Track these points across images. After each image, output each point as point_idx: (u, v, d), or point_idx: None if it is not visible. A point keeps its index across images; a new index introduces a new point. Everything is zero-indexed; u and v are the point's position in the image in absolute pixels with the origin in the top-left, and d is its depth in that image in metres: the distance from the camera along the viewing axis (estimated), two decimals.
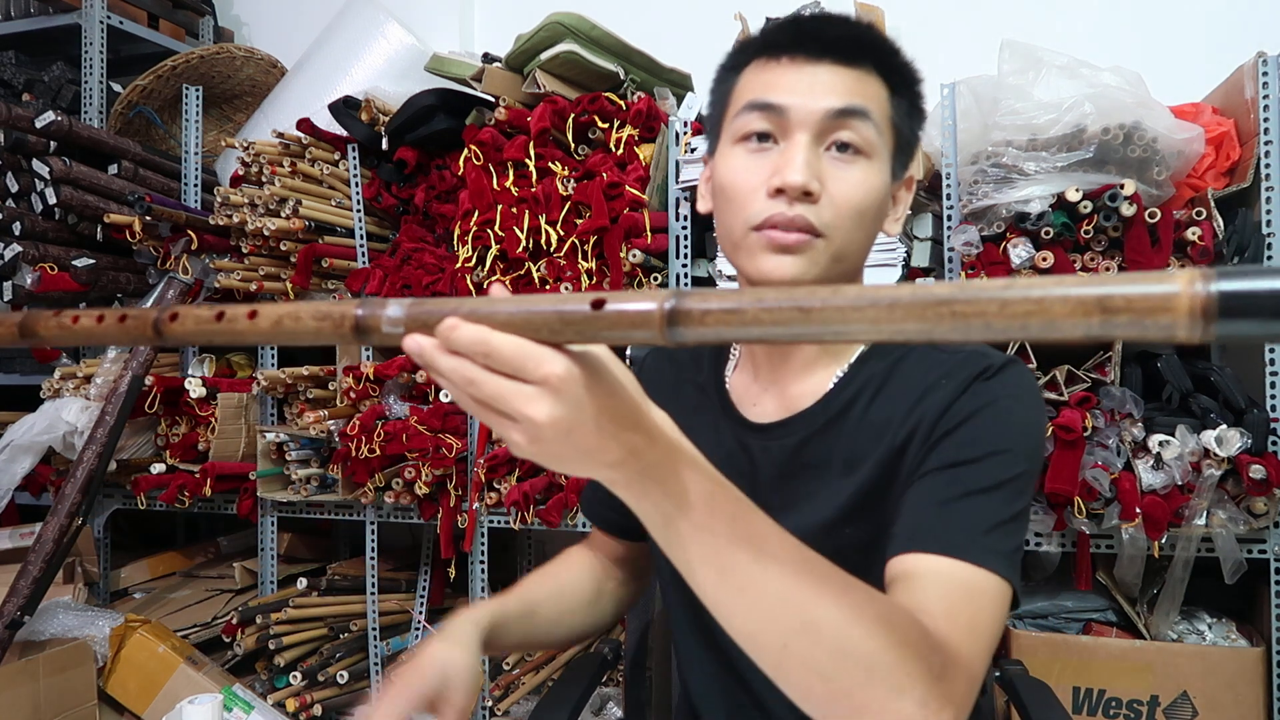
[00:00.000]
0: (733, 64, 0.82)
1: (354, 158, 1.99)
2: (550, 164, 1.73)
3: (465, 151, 1.80)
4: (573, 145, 1.74)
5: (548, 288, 1.74)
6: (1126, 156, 1.47)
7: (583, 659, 1.11)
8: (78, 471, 1.84)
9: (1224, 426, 1.43)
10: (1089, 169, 1.48)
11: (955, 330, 0.37)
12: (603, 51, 1.76)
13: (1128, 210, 1.45)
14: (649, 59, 1.83)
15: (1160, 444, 1.45)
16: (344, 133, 1.99)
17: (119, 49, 2.49)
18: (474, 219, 1.77)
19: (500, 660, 1.99)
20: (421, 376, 1.85)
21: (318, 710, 1.88)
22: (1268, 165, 1.49)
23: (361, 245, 2.00)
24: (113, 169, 2.10)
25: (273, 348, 2.08)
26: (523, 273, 1.76)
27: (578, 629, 0.95)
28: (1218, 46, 1.81)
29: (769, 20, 0.83)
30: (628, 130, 1.69)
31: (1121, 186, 1.45)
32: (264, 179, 1.97)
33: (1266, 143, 1.49)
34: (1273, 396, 1.47)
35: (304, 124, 1.99)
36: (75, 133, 2.02)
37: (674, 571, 0.69)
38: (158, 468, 2.05)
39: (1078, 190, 1.46)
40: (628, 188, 1.67)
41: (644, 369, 0.97)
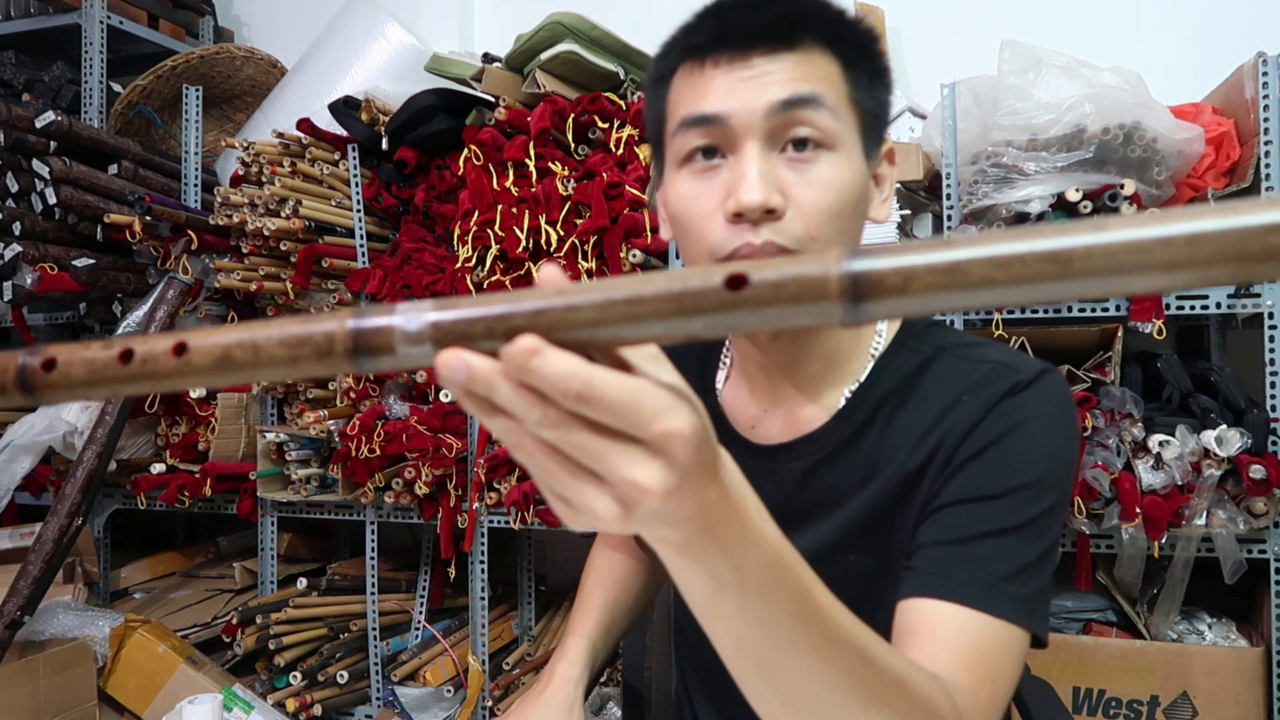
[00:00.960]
0: (658, 74, 0.72)
1: (354, 158, 1.99)
2: (550, 164, 1.73)
3: (465, 151, 1.80)
4: (573, 145, 1.74)
5: None
6: (1126, 156, 1.47)
7: None
8: (78, 471, 1.84)
9: (1224, 426, 1.43)
10: (1089, 169, 1.48)
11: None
12: (603, 51, 1.76)
13: (1128, 210, 1.45)
14: (649, 59, 1.82)
15: (1160, 444, 1.45)
16: (344, 133, 1.98)
17: (119, 49, 2.49)
18: (474, 219, 1.77)
19: (500, 660, 1.99)
20: (422, 376, 1.85)
21: (318, 710, 1.88)
22: (1268, 165, 1.49)
23: (361, 245, 1.99)
24: (113, 169, 2.10)
25: None
26: (523, 273, 1.76)
27: (639, 615, 0.96)
28: (1218, 46, 1.81)
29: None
30: (628, 130, 1.69)
31: (1121, 186, 1.45)
32: (264, 179, 1.97)
33: (1266, 143, 1.49)
34: (1273, 396, 1.47)
35: (304, 124, 1.99)
36: (75, 133, 2.02)
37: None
38: (158, 468, 2.05)
39: (1078, 190, 1.46)
40: (628, 188, 1.67)
41: None
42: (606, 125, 1.70)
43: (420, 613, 2.03)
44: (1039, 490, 0.64)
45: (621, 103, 1.72)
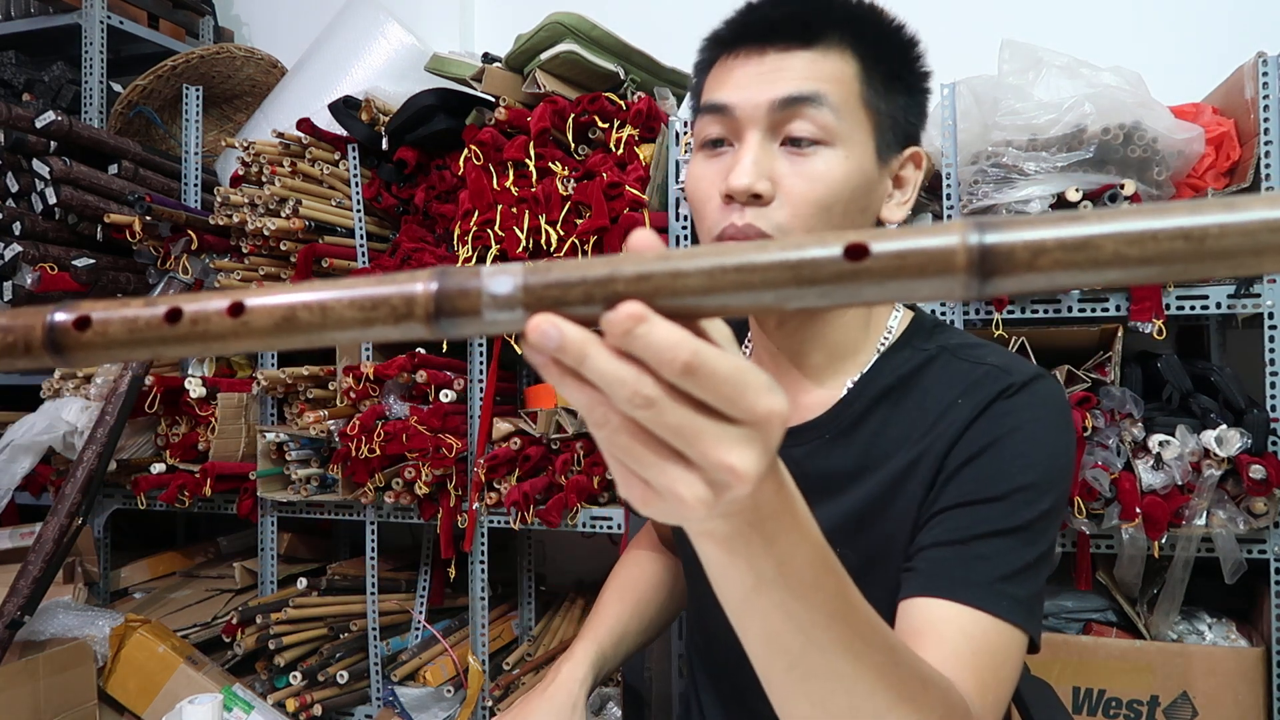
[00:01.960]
0: (699, 63, 0.77)
1: (354, 158, 1.99)
2: (550, 164, 1.73)
3: (465, 151, 1.80)
4: (573, 145, 1.74)
5: None
6: (1126, 156, 1.47)
7: None
8: (78, 471, 1.84)
9: (1224, 426, 1.43)
10: (1089, 169, 1.48)
11: None
12: (603, 51, 1.76)
13: None
14: (649, 59, 1.83)
15: (1160, 444, 1.45)
16: (344, 133, 1.99)
17: (119, 49, 2.49)
18: (474, 219, 1.77)
19: (500, 660, 1.99)
20: (422, 376, 1.85)
21: (318, 710, 1.88)
22: (1268, 165, 1.49)
23: (361, 245, 1.99)
24: (113, 169, 2.10)
25: None
26: None
27: (660, 628, 0.96)
28: (1218, 46, 1.81)
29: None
30: (628, 130, 1.69)
31: (1121, 186, 1.45)
32: (264, 179, 1.97)
33: (1266, 143, 1.49)
34: (1273, 396, 1.47)
35: (304, 124, 1.99)
36: (75, 133, 2.02)
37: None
38: (158, 468, 2.05)
39: (1078, 190, 1.46)
40: (628, 188, 1.67)
41: None
42: (606, 125, 1.71)
43: (420, 613, 2.03)
44: (1037, 492, 0.65)
45: (621, 103, 1.72)
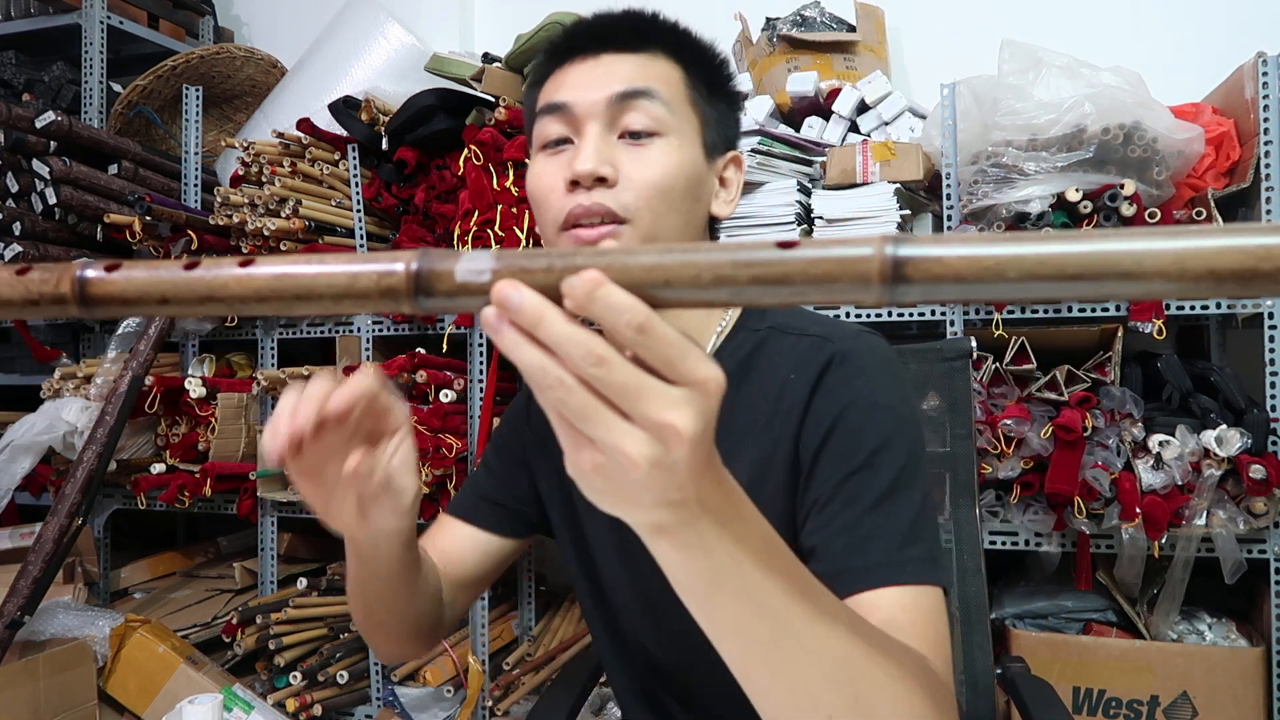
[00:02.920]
0: (532, 80, 0.81)
1: (354, 158, 1.99)
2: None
3: (465, 151, 1.80)
4: None
5: None
6: (1126, 156, 1.47)
7: (581, 657, 1.11)
8: (78, 471, 1.84)
9: (1224, 426, 1.43)
10: (1089, 169, 1.48)
11: (1272, 288, 0.31)
12: None
13: (1128, 210, 1.45)
14: None
15: (1160, 444, 1.45)
16: (344, 133, 1.98)
17: (119, 49, 2.49)
18: (474, 219, 1.77)
19: (500, 660, 1.99)
20: (422, 376, 1.85)
21: (318, 710, 1.88)
22: (1268, 165, 1.49)
23: (361, 245, 1.99)
24: (113, 169, 2.10)
25: (273, 347, 2.08)
26: None
27: (405, 611, 0.76)
28: (1218, 46, 1.81)
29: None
30: None
31: (1121, 186, 1.45)
32: (264, 179, 1.97)
33: (1266, 143, 1.49)
34: (1273, 396, 1.47)
35: (304, 124, 1.99)
36: (75, 133, 2.02)
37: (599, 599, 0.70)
38: (158, 468, 2.05)
39: (1078, 190, 1.46)
40: None
41: None
42: None
43: None
44: (890, 450, 0.68)
45: None
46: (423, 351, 1.88)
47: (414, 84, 1.92)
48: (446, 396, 1.84)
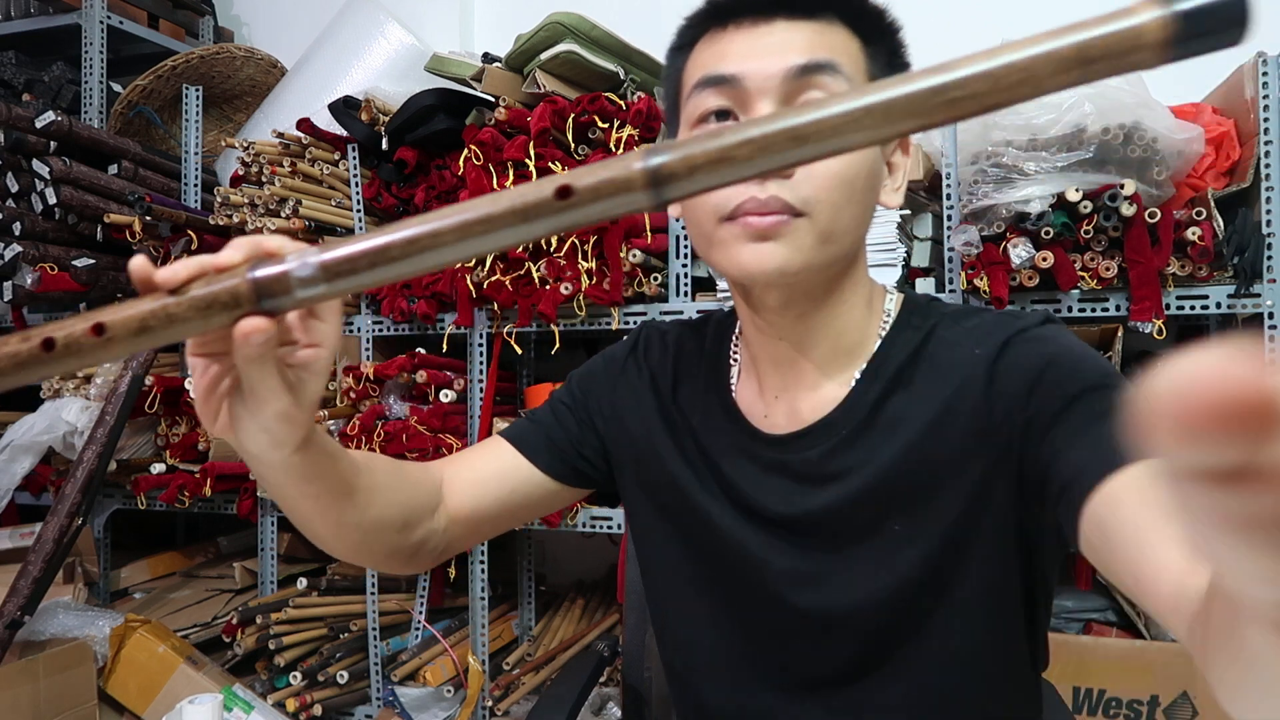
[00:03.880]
0: (680, 42, 0.73)
1: (354, 158, 1.99)
2: (550, 164, 1.73)
3: (465, 151, 1.80)
4: (573, 145, 1.74)
5: (548, 288, 1.74)
6: (1126, 156, 1.47)
7: (581, 657, 1.11)
8: (78, 471, 1.84)
9: None
10: (1089, 169, 1.48)
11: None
12: (603, 51, 1.76)
13: (1128, 210, 1.45)
14: (649, 59, 1.83)
15: None
16: (344, 133, 1.99)
17: (119, 49, 2.49)
18: None
19: (500, 660, 1.99)
20: (422, 376, 1.85)
21: (318, 710, 1.88)
22: (1268, 165, 1.49)
23: None
24: (113, 169, 2.10)
25: None
26: (522, 272, 1.76)
27: (378, 518, 0.68)
28: None
29: None
30: (628, 130, 1.69)
31: (1121, 186, 1.45)
32: (264, 179, 1.97)
33: (1266, 143, 1.49)
34: None
35: (304, 124, 1.99)
36: (75, 133, 2.02)
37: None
38: (158, 468, 2.05)
39: (1078, 190, 1.46)
40: None
41: (644, 345, 0.85)
42: (606, 125, 1.71)
43: (420, 613, 2.03)
44: (1107, 386, 0.62)
45: (621, 103, 1.72)
46: (423, 351, 1.89)
47: (414, 84, 1.92)
48: (446, 396, 1.84)
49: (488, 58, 1.87)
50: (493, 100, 1.79)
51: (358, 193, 2.00)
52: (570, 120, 1.70)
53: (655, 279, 1.74)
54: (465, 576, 1.89)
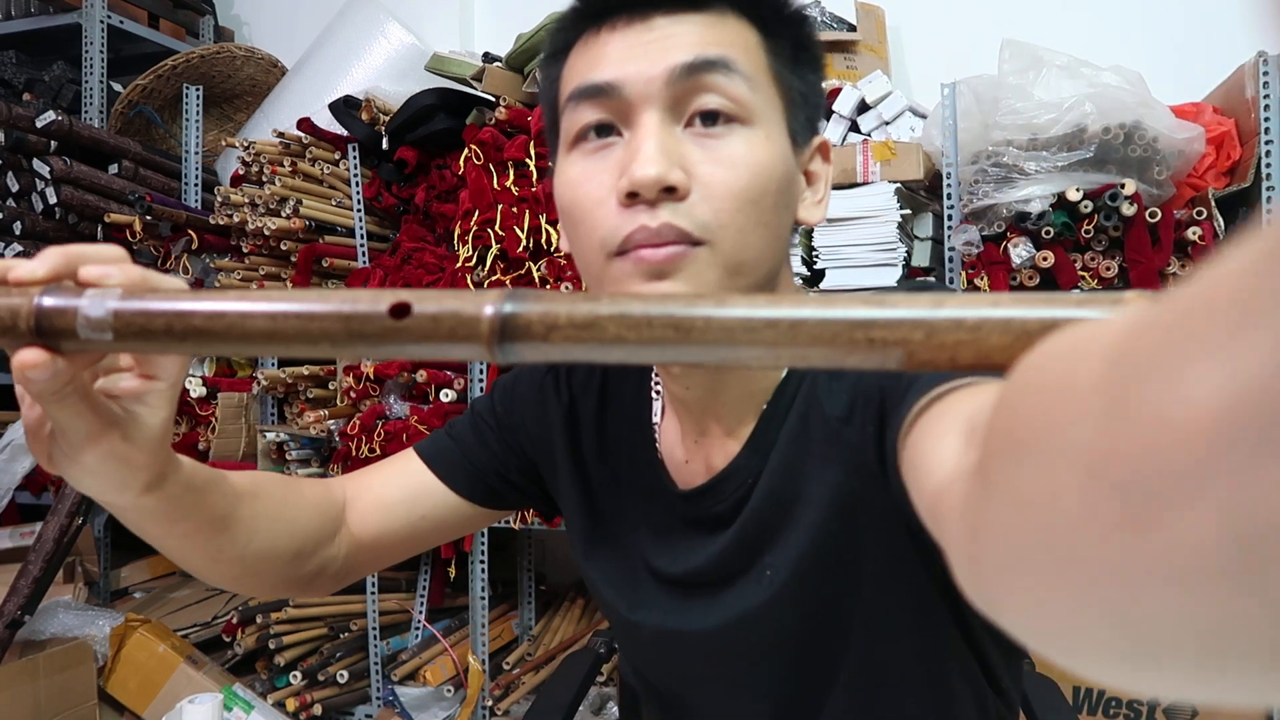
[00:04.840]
0: (554, 49, 0.62)
1: (354, 157, 1.99)
2: (551, 163, 1.73)
3: (465, 151, 1.80)
4: None
5: (548, 287, 1.74)
6: (1127, 156, 1.47)
7: (578, 655, 1.11)
8: None
9: None
10: (1089, 169, 1.48)
11: (869, 360, 0.29)
12: None
13: (1128, 210, 1.45)
14: None
15: None
16: (344, 132, 1.99)
17: (119, 49, 2.49)
18: (474, 219, 1.77)
19: (500, 660, 1.99)
20: (422, 376, 1.84)
21: (318, 710, 1.88)
22: (1268, 165, 1.49)
23: (362, 245, 2.00)
24: (113, 169, 2.10)
25: None
26: (523, 272, 1.76)
27: (220, 557, 0.58)
28: (1218, 46, 1.80)
29: None
30: None
31: (1122, 186, 1.45)
32: (264, 178, 1.97)
33: (1267, 142, 1.49)
34: None
35: (304, 123, 1.99)
36: (75, 132, 2.02)
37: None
38: None
39: (1078, 190, 1.46)
40: None
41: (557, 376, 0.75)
42: None
43: (420, 612, 2.03)
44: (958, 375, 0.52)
45: None
46: None
47: (414, 84, 1.93)
48: (446, 396, 1.84)
49: (488, 57, 1.87)
50: (493, 100, 1.79)
51: (358, 192, 2.00)
52: None
53: None
54: (465, 576, 1.89)
